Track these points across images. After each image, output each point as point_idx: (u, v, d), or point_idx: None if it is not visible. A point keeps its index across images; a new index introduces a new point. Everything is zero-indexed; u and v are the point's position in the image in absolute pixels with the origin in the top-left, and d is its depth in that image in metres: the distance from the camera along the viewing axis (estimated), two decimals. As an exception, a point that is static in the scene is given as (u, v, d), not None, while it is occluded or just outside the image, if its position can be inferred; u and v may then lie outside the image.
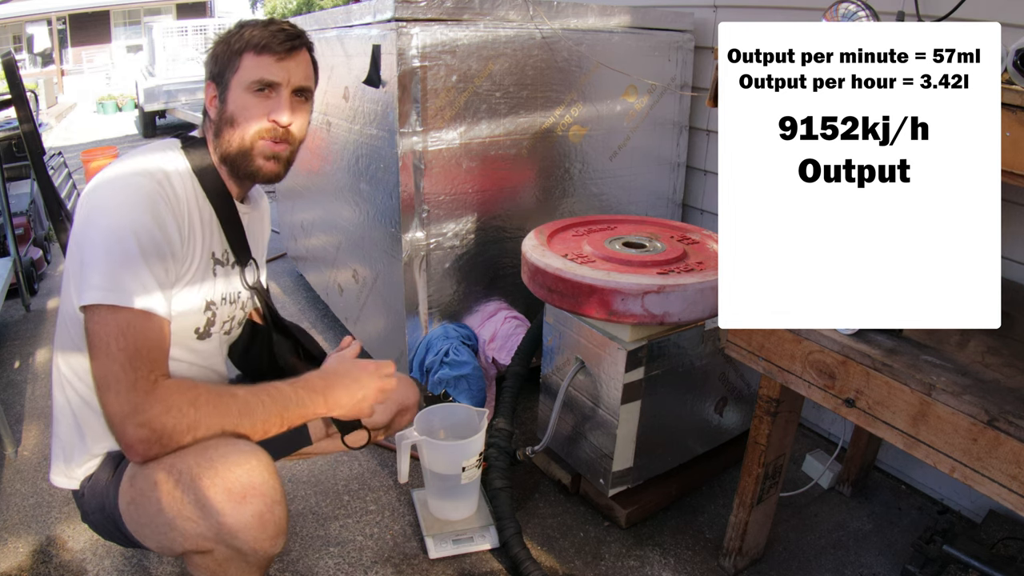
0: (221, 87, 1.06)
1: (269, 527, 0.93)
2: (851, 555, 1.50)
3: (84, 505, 1.09)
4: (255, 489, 0.91)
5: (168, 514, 0.92)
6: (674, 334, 1.45)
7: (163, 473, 0.93)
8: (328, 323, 2.68)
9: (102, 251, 0.92)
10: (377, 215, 1.91)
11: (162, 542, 0.97)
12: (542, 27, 1.79)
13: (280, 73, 1.05)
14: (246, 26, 1.06)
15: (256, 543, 0.93)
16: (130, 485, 0.99)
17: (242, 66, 1.04)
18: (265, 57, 1.04)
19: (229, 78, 1.05)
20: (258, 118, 1.05)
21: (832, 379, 1.06)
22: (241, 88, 1.04)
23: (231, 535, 0.91)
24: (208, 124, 1.10)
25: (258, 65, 1.04)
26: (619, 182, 2.11)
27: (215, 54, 1.07)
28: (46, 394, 2.14)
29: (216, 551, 0.94)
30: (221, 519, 0.90)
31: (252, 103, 1.05)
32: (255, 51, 1.04)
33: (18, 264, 2.64)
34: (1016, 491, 0.85)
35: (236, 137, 1.06)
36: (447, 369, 1.80)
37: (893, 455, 1.76)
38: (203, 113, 1.11)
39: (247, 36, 1.04)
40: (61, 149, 4.53)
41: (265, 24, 1.06)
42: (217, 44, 1.07)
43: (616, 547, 1.51)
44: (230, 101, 1.05)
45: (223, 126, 1.06)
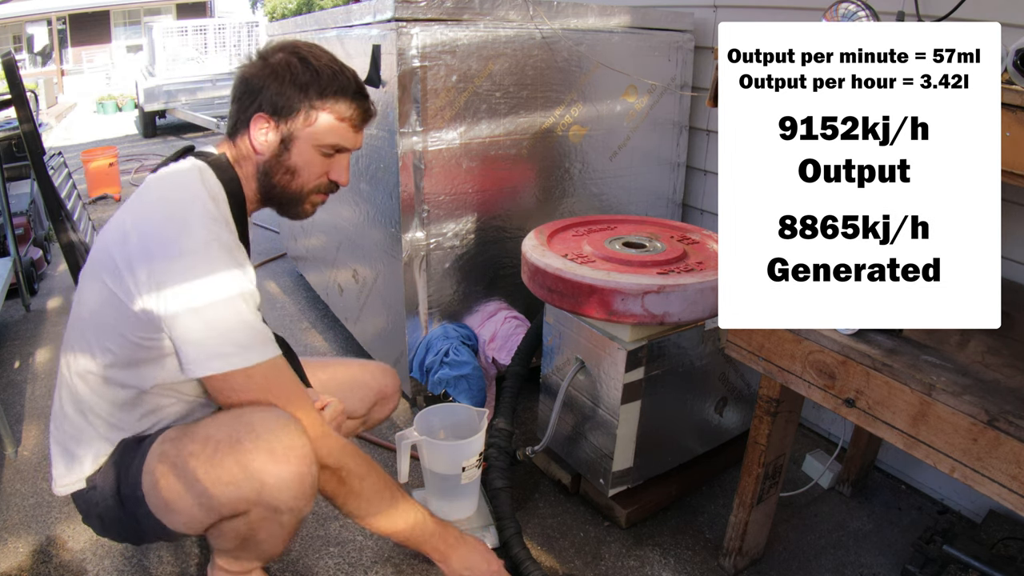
0: (285, 132, 1.05)
1: (308, 487, 0.98)
2: (851, 555, 1.50)
3: (91, 498, 1.08)
4: (295, 451, 0.96)
5: (205, 482, 0.96)
6: (674, 334, 1.45)
7: (199, 444, 0.98)
8: (328, 323, 2.68)
9: (214, 324, 0.94)
10: (377, 215, 1.91)
11: (194, 515, 1.00)
12: (542, 27, 1.79)
13: (353, 141, 1.09)
14: (322, 77, 1.03)
15: (295, 501, 0.98)
16: (159, 463, 1.01)
17: (318, 124, 1.05)
18: (345, 126, 1.07)
19: (298, 129, 1.04)
20: (320, 176, 1.10)
21: (832, 379, 1.06)
22: (310, 144, 1.06)
23: (272, 494, 0.96)
24: (243, 150, 1.07)
25: (336, 132, 1.06)
26: (619, 182, 2.11)
27: (281, 91, 1.03)
28: (46, 394, 2.14)
29: (252, 512, 0.98)
30: (264, 479, 0.95)
31: (318, 161, 1.08)
32: (337, 117, 1.06)
33: (18, 264, 2.64)
34: (1016, 491, 0.85)
35: (294, 185, 1.09)
36: (447, 369, 1.80)
37: (893, 455, 1.76)
38: (231, 132, 1.08)
39: (329, 97, 1.03)
40: (61, 149, 4.53)
41: (349, 90, 1.06)
42: (281, 78, 1.02)
43: (616, 547, 1.51)
44: (295, 153, 1.06)
45: (279, 169, 1.07)
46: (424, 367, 1.86)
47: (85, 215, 3.21)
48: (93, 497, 1.08)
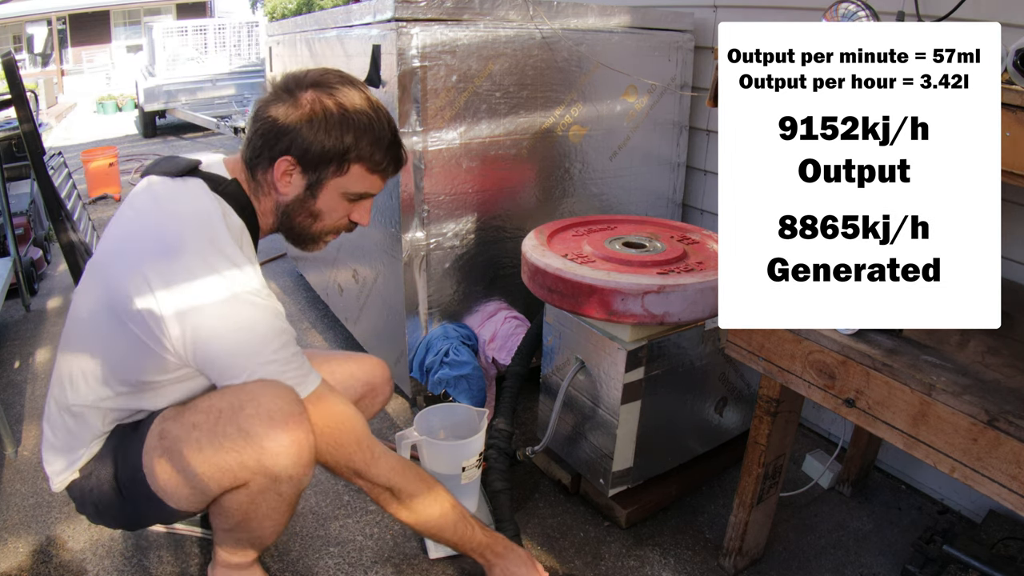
0: (312, 179, 1.04)
1: (305, 453, 1.00)
2: (851, 555, 1.50)
3: (86, 485, 1.08)
4: (294, 418, 0.98)
5: (207, 451, 0.98)
6: (674, 334, 1.45)
7: (202, 415, 0.99)
8: (328, 323, 2.68)
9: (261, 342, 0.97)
10: (377, 215, 1.91)
11: (197, 487, 1.01)
12: (542, 27, 1.79)
13: (381, 188, 1.10)
14: (358, 127, 1.01)
15: (293, 468, 0.99)
16: (160, 440, 1.02)
17: (350, 174, 1.05)
18: (376, 176, 1.08)
19: (328, 176, 1.04)
20: (342, 218, 1.11)
21: (832, 379, 1.06)
22: (339, 192, 1.06)
23: (272, 459, 0.98)
24: (263, 185, 1.06)
25: (365, 181, 1.07)
26: (619, 182, 2.11)
27: (315, 140, 1.00)
28: (46, 394, 2.13)
29: (252, 482, 1.00)
30: (264, 443, 0.97)
31: (343, 206, 1.09)
32: (369, 168, 1.06)
33: (18, 264, 2.64)
34: (1016, 491, 0.85)
35: (315, 228, 1.11)
36: (447, 369, 1.80)
37: (893, 455, 1.76)
38: (248, 162, 1.05)
39: (364, 148, 1.03)
40: (61, 149, 4.53)
41: (384, 141, 1.05)
42: (314, 126, 0.99)
43: (616, 547, 1.51)
44: (321, 200, 1.06)
45: (301, 212, 1.08)
46: (424, 367, 1.86)
47: (85, 215, 3.21)
48: (87, 485, 1.08)
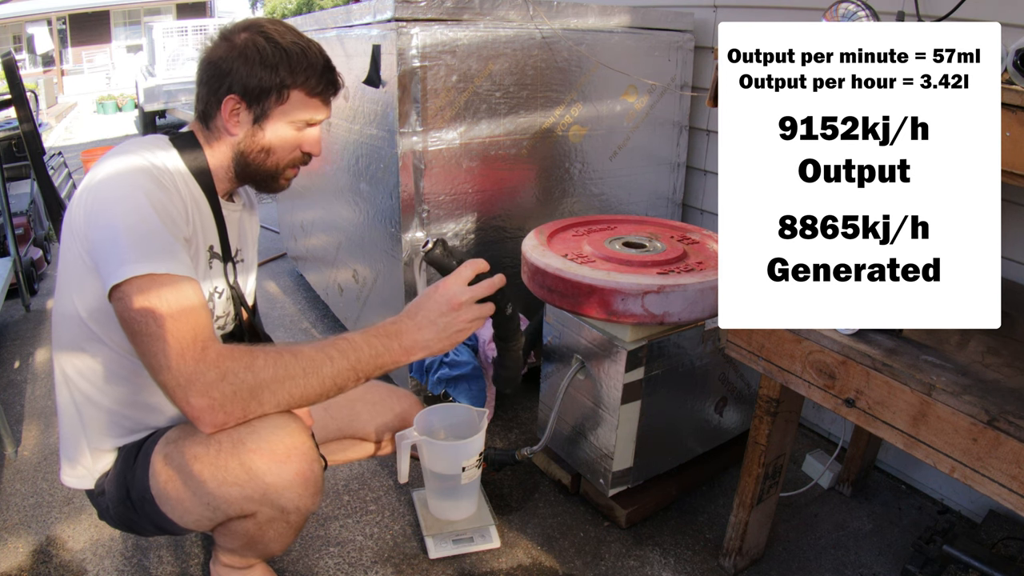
0: (257, 112, 1.05)
1: (310, 484, 1.00)
2: (851, 555, 1.50)
3: (102, 502, 1.11)
4: (296, 450, 0.97)
5: (210, 484, 0.97)
6: (674, 334, 1.45)
7: (201, 447, 0.97)
8: (328, 323, 2.68)
9: (123, 231, 0.91)
10: (377, 215, 1.91)
11: (203, 514, 1.01)
12: (542, 27, 1.79)
13: (324, 113, 1.11)
14: (291, 56, 1.03)
15: (299, 500, 1.00)
16: (164, 465, 1.01)
17: (290, 102, 1.06)
18: (316, 100, 1.08)
19: (271, 108, 1.05)
20: (294, 150, 1.11)
21: (832, 379, 1.06)
22: (284, 121, 1.07)
23: (277, 494, 0.98)
24: (216, 131, 1.08)
25: (307, 106, 1.08)
26: (619, 182, 2.11)
27: (251, 73, 1.02)
28: (46, 394, 2.14)
29: (260, 513, 1.00)
30: (267, 479, 0.96)
31: (291, 137, 1.09)
32: (307, 92, 1.07)
33: (18, 264, 2.64)
34: (1016, 491, 0.85)
35: (270, 163, 1.10)
36: (447, 369, 1.80)
37: (893, 455, 1.76)
38: (201, 115, 1.09)
39: (300, 74, 1.04)
40: (61, 149, 4.53)
41: (318, 66, 1.06)
42: (250, 60, 1.02)
43: (616, 547, 1.51)
44: (269, 130, 1.07)
45: (253, 148, 1.08)
46: (424, 367, 1.86)
47: (85, 215, 3.21)
48: (103, 502, 1.11)
